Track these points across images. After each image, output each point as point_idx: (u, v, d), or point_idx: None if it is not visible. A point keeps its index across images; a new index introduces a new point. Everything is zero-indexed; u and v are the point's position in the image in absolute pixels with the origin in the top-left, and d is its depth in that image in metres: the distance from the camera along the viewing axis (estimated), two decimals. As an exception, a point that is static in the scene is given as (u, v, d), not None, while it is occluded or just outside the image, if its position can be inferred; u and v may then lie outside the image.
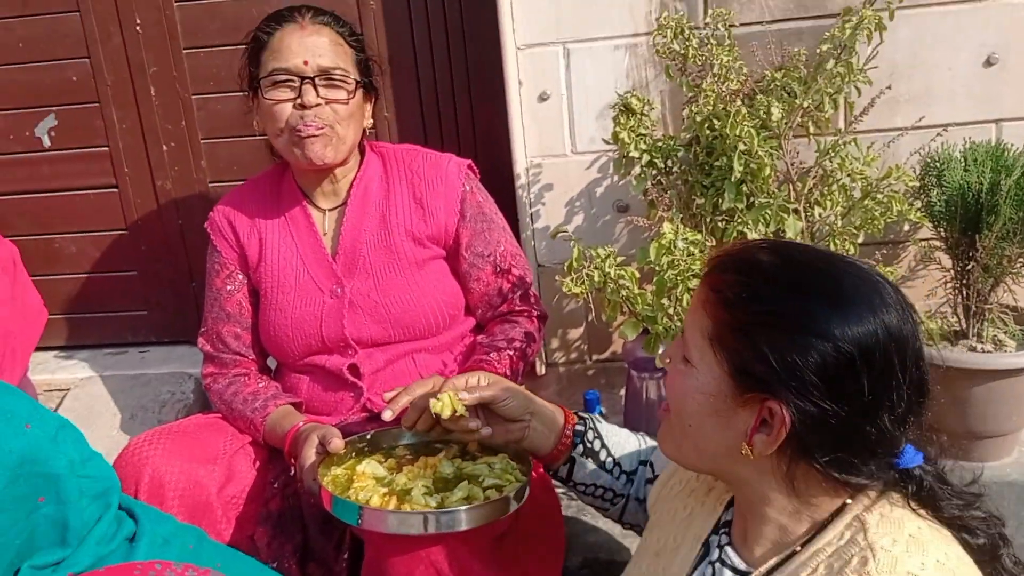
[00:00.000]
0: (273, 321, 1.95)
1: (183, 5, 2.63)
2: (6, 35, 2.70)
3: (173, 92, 2.70)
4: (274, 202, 1.99)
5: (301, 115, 1.81)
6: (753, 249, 1.11)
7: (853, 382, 1.01)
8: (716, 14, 2.12)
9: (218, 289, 2.00)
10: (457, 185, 1.94)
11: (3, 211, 2.84)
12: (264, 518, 1.80)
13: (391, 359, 1.94)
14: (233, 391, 1.94)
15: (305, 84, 1.80)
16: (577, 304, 2.54)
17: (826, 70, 2.04)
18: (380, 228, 1.93)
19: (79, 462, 1.19)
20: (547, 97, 2.39)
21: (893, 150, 2.23)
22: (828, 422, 1.02)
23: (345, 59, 1.86)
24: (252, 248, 1.97)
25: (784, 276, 1.06)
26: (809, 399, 1.01)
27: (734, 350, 1.06)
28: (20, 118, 2.78)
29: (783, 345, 1.01)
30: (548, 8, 2.32)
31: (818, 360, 1.00)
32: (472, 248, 1.95)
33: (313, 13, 1.87)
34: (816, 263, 1.08)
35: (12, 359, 2.10)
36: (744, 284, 1.06)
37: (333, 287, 1.92)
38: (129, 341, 2.97)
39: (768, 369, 1.02)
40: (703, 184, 2.17)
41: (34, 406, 1.20)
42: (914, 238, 2.34)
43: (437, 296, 1.93)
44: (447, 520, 1.46)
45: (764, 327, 1.03)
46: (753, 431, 1.06)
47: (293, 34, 1.83)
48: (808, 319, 1.02)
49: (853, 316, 1.01)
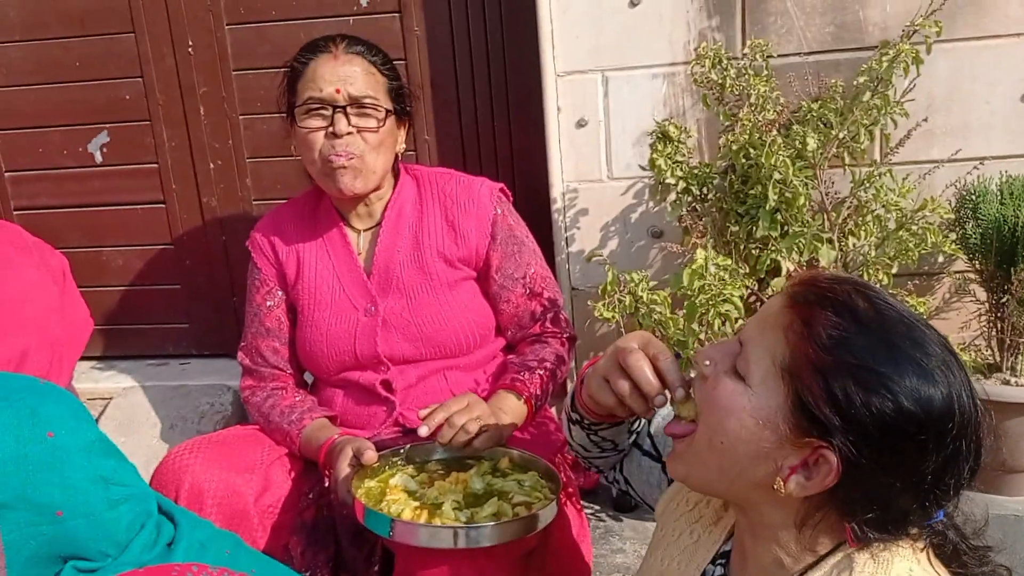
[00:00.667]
0: (309, 338, 1.99)
1: (234, 28, 2.71)
2: (64, 54, 2.80)
3: (221, 112, 2.78)
4: (311, 222, 2.05)
5: (332, 144, 1.86)
6: (848, 289, 1.04)
7: (918, 454, 0.97)
8: (754, 45, 2.15)
9: (258, 305, 2.05)
10: (489, 208, 1.98)
11: (55, 223, 2.93)
12: (298, 528, 1.83)
13: (423, 375, 1.97)
14: (271, 404, 1.98)
15: (337, 113, 1.85)
16: (609, 328, 2.56)
17: (862, 102, 2.06)
18: (413, 249, 1.97)
19: (110, 473, 1.21)
20: (585, 123, 2.43)
21: (929, 182, 2.24)
22: (877, 485, 0.99)
23: (376, 87, 1.90)
24: (290, 266, 2.02)
25: (878, 330, 1.00)
26: (867, 457, 0.97)
27: (807, 388, 1.00)
28: (74, 134, 2.88)
29: (860, 400, 0.97)
30: (588, 36, 2.37)
31: (891, 423, 0.96)
32: (502, 270, 1.98)
33: (347, 43, 1.91)
34: (905, 322, 1.02)
35: (59, 368, 2.16)
36: (840, 327, 1.00)
37: (367, 305, 1.96)
38: (170, 353, 3.04)
39: (836, 418, 0.98)
40: (738, 212, 2.19)
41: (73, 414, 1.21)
42: (949, 270, 2.34)
43: (468, 316, 1.97)
44: (476, 535, 1.48)
45: (847, 376, 0.98)
46: (793, 470, 1.02)
47: (327, 63, 1.88)
48: (892, 382, 0.97)
49: (933, 387, 0.98)
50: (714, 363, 1.11)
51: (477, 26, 2.62)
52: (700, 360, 1.13)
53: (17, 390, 1.19)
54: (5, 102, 2.87)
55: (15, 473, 1.13)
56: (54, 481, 1.14)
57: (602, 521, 2.37)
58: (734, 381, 1.07)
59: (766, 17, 2.29)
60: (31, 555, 1.17)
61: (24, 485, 1.13)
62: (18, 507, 1.13)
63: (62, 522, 1.15)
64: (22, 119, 2.88)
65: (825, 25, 2.28)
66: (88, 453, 1.18)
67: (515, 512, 1.58)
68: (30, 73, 2.83)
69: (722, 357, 1.10)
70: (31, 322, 2.07)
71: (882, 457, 0.97)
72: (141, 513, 1.25)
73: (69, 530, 1.16)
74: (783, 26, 2.29)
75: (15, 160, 2.92)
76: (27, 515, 1.13)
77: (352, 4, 2.64)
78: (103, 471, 1.19)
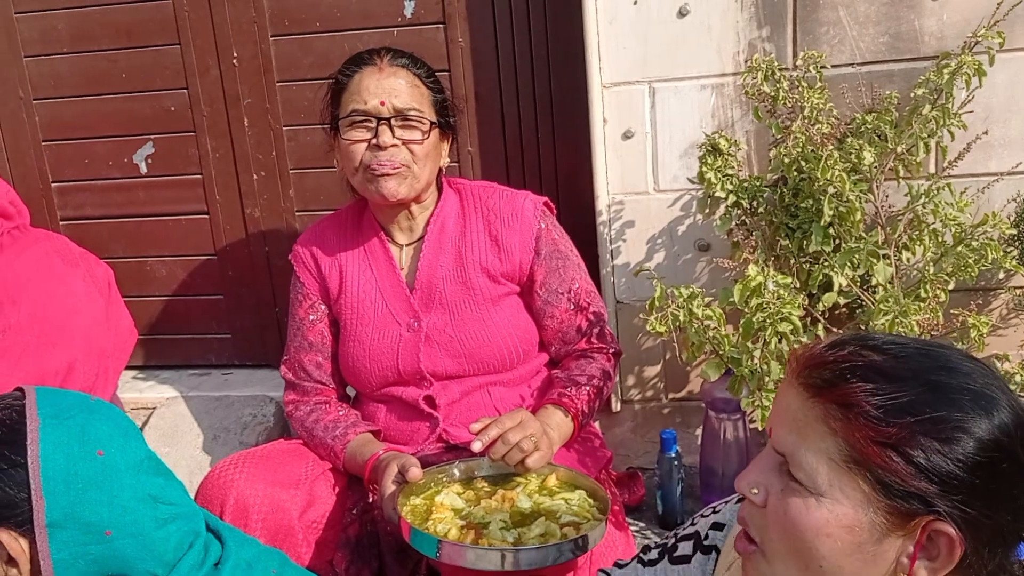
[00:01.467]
0: (352, 352, 1.98)
1: (278, 40, 2.72)
2: (110, 66, 2.82)
3: (265, 123, 2.78)
4: (354, 236, 2.03)
5: (376, 155, 1.85)
6: (856, 351, 0.97)
7: (1016, 476, 0.92)
8: (807, 56, 2.11)
9: (301, 319, 2.04)
10: (532, 222, 1.96)
11: (100, 234, 2.95)
12: (343, 543, 1.82)
13: (466, 391, 1.95)
14: (315, 419, 1.97)
15: (381, 125, 1.84)
16: (655, 342, 2.52)
17: (921, 115, 2.01)
18: (456, 264, 1.95)
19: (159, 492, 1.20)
20: (631, 135, 2.40)
21: (987, 196, 2.18)
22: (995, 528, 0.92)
23: (421, 100, 1.89)
24: (333, 280, 2.01)
25: (914, 376, 0.94)
26: (978, 507, 0.90)
27: (885, 469, 0.91)
28: (120, 145, 2.90)
29: (943, 454, 0.90)
30: (635, 47, 2.34)
31: (981, 461, 0.90)
32: (546, 285, 1.96)
33: (392, 55, 1.90)
34: (929, 355, 0.97)
35: (104, 378, 2.17)
36: (879, 392, 0.92)
37: (410, 321, 1.95)
38: (213, 363, 3.05)
39: (931, 484, 0.90)
40: (789, 226, 2.14)
41: (123, 432, 1.21)
42: (1008, 286, 2.28)
43: (511, 331, 1.95)
44: (524, 558, 1.46)
45: (918, 437, 0.90)
46: (913, 559, 0.93)
47: (371, 76, 1.87)
48: (964, 422, 0.90)
49: (997, 408, 0.92)
50: (763, 487, 1.01)
51: (522, 37, 2.60)
52: (745, 488, 1.03)
53: (68, 408, 1.19)
54: (53, 114, 2.90)
55: (65, 492, 1.13)
56: (103, 500, 1.14)
57: (647, 539, 2.33)
58: (802, 498, 0.96)
59: (818, 27, 2.25)
60: (80, 574, 1.16)
61: (74, 504, 1.14)
62: (67, 526, 1.13)
63: (110, 541, 1.15)
64: (69, 130, 2.91)
65: (879, 35, 2.23)
66: (137, 471, 1.18)
67: (563, 533, 1.55)
68: (77, 85, 2.86)
69: (769, 477, 1.01)
70: (78, 334, 2.09)
71: (991, 499, 0.90)
72: (189, 532, 1.24)
73: (117, 549, 1.16)
74: (835, 36, 2.25)
75: (62, 171, 2.95)
76: (76, 534, 1.13)
77: (396, 15, 2.64)
78: (152, 490, 1.19)
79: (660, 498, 2.34)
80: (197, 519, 1.29)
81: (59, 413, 1.18)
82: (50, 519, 1.13)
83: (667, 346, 2.51)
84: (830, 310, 2.11)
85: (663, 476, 2.32)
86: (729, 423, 2.32)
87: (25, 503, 1.12)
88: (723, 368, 1.94)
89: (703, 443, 2.42)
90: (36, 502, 1.11)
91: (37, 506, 1.12)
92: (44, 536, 1.12)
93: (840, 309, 2.21)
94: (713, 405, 2.34)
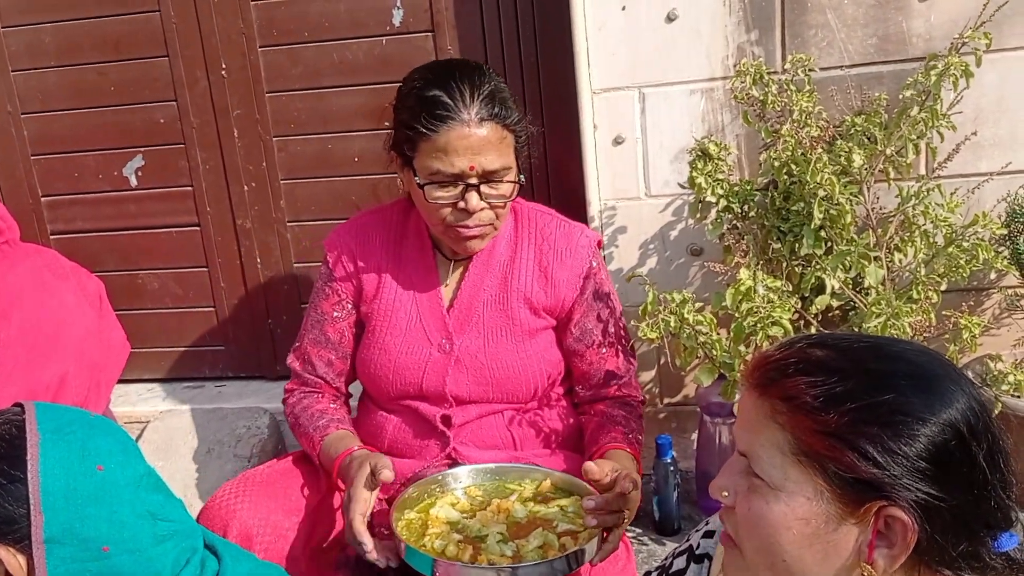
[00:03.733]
0: (376, 360, 1.91)
1: (267, 50, 2.71)
2: (99, 79, 2.82)
3: (255, 134, 2.78)
4: (398, 240, 1.94)
5: (462, 218, 1.75)
6: (800, 348, 1.00)
7: (968, 459, 0.93)
8: (796, 59, 2.11)
9: (323, 312, 1.95)
10: (585, 260, 1.89)
11: (91, 247, 2.94)
12: (342, 563, 1.80)
13: (483, 414, 1.90)
14: (304, 405, 1.92)
15: (469, 191, 1.72)
16: (649, 347, 2.52)
17: (910, 116, 2.01)
18: (500, 289, 1.88)
19: (158, 509, 1.20)
20: (622, 141, 2.40)
21: (978, 196, 2.18)
22: (953, 513, 0.92)
23: (508, 154, 1.76)
24: (369, 282, 1.92)
25: (856, 366, 0.96)
26: (928, 492, 0.91)
27: (833, 459, 0.93)
28: (109, 158, 2.89)
29: (889, 439, 0.91)
30: (624, 53, 2.34)
31: (928, 446, 0.91)
32: (581, 325, 1.90)
33: (479, 107, 1.70)
34: (871, 346, 0.99)
35: (97, 392, 2.17)
36: (819, 385, 0.95)
37: (442, 341, 1.87)
38: (207, 375, 3.04)
39: (878, 469, 0.91)
40: (780, 229, 2.15)
41: (123, 448, 1.20)
42: (1000, 286, 2.28)
43: (542, 367, 1.89)
44: (522, 574, 1.45)
45: (861, 424, 0.92)
46: (872, 547, 0.94)
47: (460, 137, 1.69)
48: (905, 405, 0.92)
49: (943, 392, 0.94)
50: (731, 490, 1.03)
51: (511, 44, 2.60)
52: (716, 493, 1.06)
53: (68, 423, 1.18)
54: (41, 127, 2.89)
55: (64, 507, 1.13)
56: (102, 515, 1.14)
57: (644, 545, 2.33)
58: (762, 495, 0.99)
59: (806, 30, 2.25)
60: None
61: (73, 520, 1.13)
62: (66, 542, 1.12)
63: (108, 557, 1.14)
64: (58, 144, 2.90)
65: (867, 37, 2.23)
66: (137, 488, 1.18)
67: (561, 543, 1.54)
68: (66, 98, 2.85)
69: (735, 479, 1.03)
70: (70, 347, 2.08)
71: (939, 480, 0.92)
72: (187, 549, 1.24)
73: (115, 566, 1.16)
74: (823, 39, 2.25)
75: (51, 185, 2.94)
76: (74, 550, 1.13)
77: (385, 24, 2.63)
78: (151, 506, 1.19)
79: (657, 504, 2.33)
80: (195, 536, 1.29)
81: (60, 428, 1.17)
82: (48, 535, 1.12)
83: (661, 351, 2.51)
84: (823, 313, 2.11)
85: (659, 482, 2.31)
86: (724, 427, 2.32)
87: (24, 519, 1.11)
88: (716, 373, 1.94)
89: (699, 447, 2.42)
90: (35, 518, 1.11)
91: (36, 522, 1.11)
92: (42, 552, 1.12)
93: (833, 312, 2.21)
94: (708, 409, 2.34)
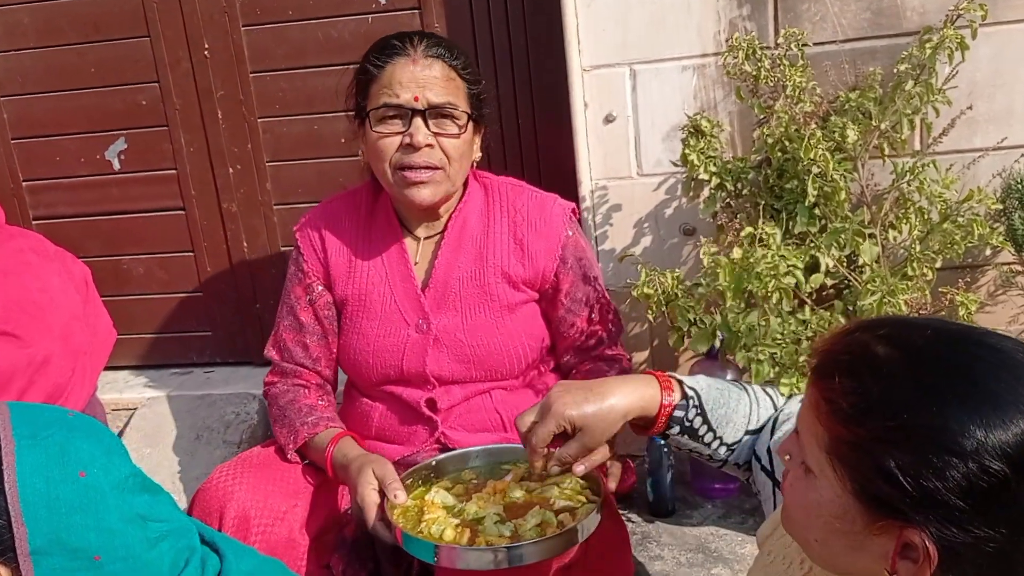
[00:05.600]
0: (354, 346, 1.90)
1: (250, 30, 2.66)
2: (78, 60, 2.76)
3: (239, 115, 2.73)
4: (368, 221, 1.93)
5: (408, 156, 1.75)
6: (867, 339, 0.92)
7: (1010, 502, 0.82)
8: (789, 34, 2.08)
9: (296, 297, 1.94)
10: (560, 229, 1.88)
11: (74, 233, 2.89)
12: (339, 544, 1.78)
13: (469, 395, 1.88)
14: (290, 399, 1.90)
15: (415, 118, 1.74)
16: (643, 327, 2.50)
17: (904, 91, 1.98)
18: (475, 265, 1.87)
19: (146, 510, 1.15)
20: (613, 119, 2.36)
21: (973, 172, 2.16)
22: (986, 549, 0.84)
23: (457, 94, 1.79)
24: (340, 265, 1.91)
25: (907, 377, 0.87)
26: (957, 527, 0.83)
27: (856, 469, 0.88)
28: (91, 141, 2.84)
29: (915, 466, 0.83)
30: (614, 30, 2.30)
31: (962, 482, 0.82)
32: (571, 295, 1.89)
33: (426, 44, 1.78)
34: (945, 354, 0.89)
35: (83, 378, 2.13)
36: (859, 392, 0.88)
37: (419, 321, 1.86)
38: (194, 361, 3.00)
39: (900, 494, 0.85)
40: (774, 207, 2.12)
41: (105, 450, 1.15)
42: (995, 262, 2.27)
43: (524, 340, 1.88)
44: (520, 554, 1.44)
45: (889, 444, 0.85)
46: (895, 558, 0.89)
47: (404, 68, 1.75)
48: (942, 432, 0.83)
49: (996, 420, 0.82)
50: (788, 454, 1.02)
51: (499, 21, 2.56)
52: (781, 453, 1.04)
53: (45, 426, 1.12)
54: (21, 110, 2.84)
55: (47, 517, 1.07)
56: (89, 524, 1.08)
57: (638, 527, 2.31)
58: (804, 475, 0.96)
59: (799, 4, 2.22)
60: None
61: (57, 529, 1.08)
62: (53, 552, 1.07)
63: (100, 566, 1.10)
64: (38, 127, 2.85)
65: (861, 11, 2.20)
66: (122, 491, 1.12)
67: (559, 520, 1.53)
68: (45, 80, 2.80)
69: (792, 447, 1.01)
70: (55, 328, 2.05)
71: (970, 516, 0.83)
72: (184, 549, 1.19)
73: (109, 574, 1.11)
74: (816, 13, 2.22)
75: (33, 169, 2.89)
76: (63, 560, 1.08)
77: (371, 2, 2.59)
78: (139, 508, 1.13)
79: (650, 486, 2.32)
80: (190, 533, 1.24)
81: (36, 433, 1.11)
82: (33, 546, 1.07)
83: (654, 332, 2.49)
84: (817, 291, 2.09)
85: (653, 463, 2.30)
86: (718, 407, 2.31)
87: (6, 531, 1.06)
88: (711, 341, 1.92)
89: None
90: (17, 529, 1.06)
91: (19, 534, 1.06)
92: (29, 564, 1.07)
93: (828, 290, 2.19)
94: (702, 390, 2.32)
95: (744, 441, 1.41)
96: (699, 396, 1.39)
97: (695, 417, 1.38)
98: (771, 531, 1.24)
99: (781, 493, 1.08)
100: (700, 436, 1.40)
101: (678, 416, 1.38)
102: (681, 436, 1.40)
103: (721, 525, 2.27)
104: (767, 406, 1.43)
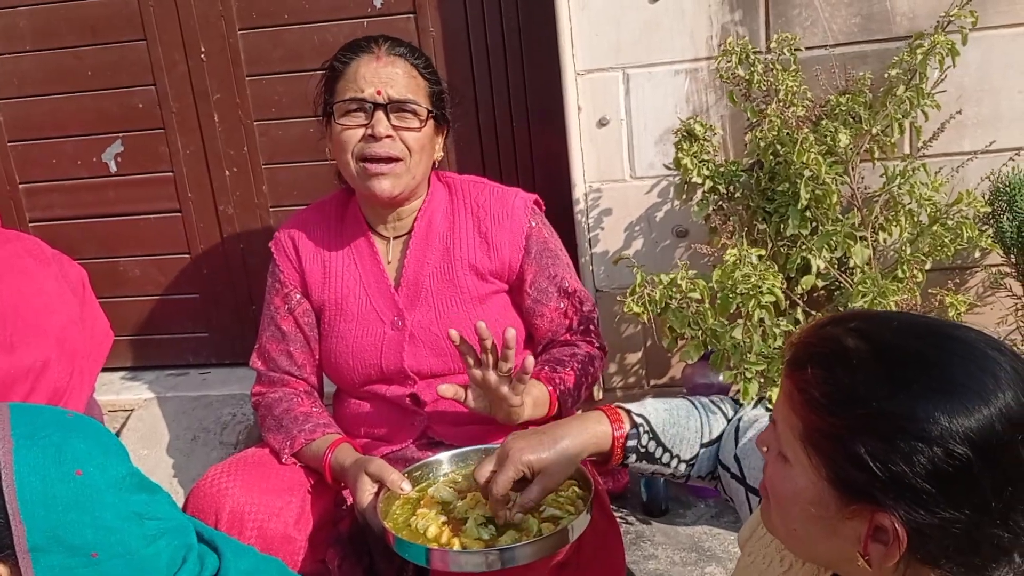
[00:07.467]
0: (334, 349, 1.95)
1: (247, 33, 2.68)
2: (76, 63, 2.77)
3: (236, 118, 2.75)
4: (338, 228, 1.99)
5: (370, 146, 1.81)
6: (839, 333, 0.96)
7: (974, 486, 0.87)
8: (781, 39, 2.10)
9: (276, 308, 2.00)
10: (523, 221, 1.93)
11: (71, 235, 2.90)
12: (335, 540, 1.80)
13: None
14: (284, 408, 1.93)
15: (377, 111, 1.81)
16: (635, 329, 2.52)
17: (895, 95, 2.01)
18: (443, 261, 1.92)
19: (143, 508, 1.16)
20: (606, 122, 2.38)
21: (962, 175, 2.19)
22: (951, 531, 0.88)
23: (418, 91, 1.86)
24: (315, 273, 1.97)
25: (876, 368, 0.91)
26: (924, 509, 0.87)
27: (829, 456, 0.93)
28: (88, 144, 2.85)
29: (884, 452, 0.88)
30: (608, 34, 2.32)
31: (928, 466, 0.86)
32: (536, 284, 1.94)
33: (390, 44, 1.87)
34: (913, 345, 0.93)
35: (80, 380, 2.14)
36: (830, 382, 0.93)
37: (394, 318, 1.91)
38: (191, 363, 3.01)
39: (871, 479, 0.89)
40: (766, 210, 2.14)
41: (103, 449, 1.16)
42: (984, 264, 2.29)
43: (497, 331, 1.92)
44: (510, 556, 1.45)
45: (859, 432, 0.90)
46: (867, 541, 0.93)
47: (368, 64, 1.84)
48: (909, 420, 0.87)
49: (960, 407, 0.87)
50: (766, 445, 1.06)
51: (494, 26, 2.58)
52: (760, 445, 1.08)
53: (43, 426, 1.14)
54: (18, 113, 2.85)
55: (44, 516, 1.09)
56: (86, 521, 1.10)
57: (632, 526, 2.33)
58: (781, 465, 1.00)
59: (790, 10, 2.24)
60: None
61: (55, 527, 1.09)
62: (51, 550, 1.09)
63: (98, 564, 1.11)
64: (35, 130, 2.86)
65: (851, 16, 2.23)
66: (119, 490, 1.14)
67: (540, 528, 1.54)
68: (42, 83, 2.81)
69: (770, 439, 1.05)
70: (52, 333, 2.05)
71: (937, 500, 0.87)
72: (181, 547, 1.21)
73: (107, 571, 1.12)
74: (807, 18, 2.24)
75: (29, 172, 2.90)
76: (61, 558, 1.09)
77: (366, 5, 2.61)
78: (136, 507, 1.15)
79: (644, 486, 2.34)
80: (187, 532, 1.26)
81: (33, 433, 1.13)
82: (32, 544, 1.09)
83: (647, 333, 2.51)
84: (808, 293, 2.11)
85: (647, 463, 2.31)
86: (711, 408, 2.32)
87: (4, 528, 1.08)
88: (703, 349, 1.94)
89: (686, 429, 2.43)
90: (15, 527, 1.07)
91: (17, 531, 1.08)
92: (28, 561, 1.08)
93: (819, 292, 2.21)
94: (694, 390, 2.35)
95: (701, 454, 1.48)
96: (648, 421, 1.46)
97: (648, 442, 1.46)
98: (750, 534, 1.28)
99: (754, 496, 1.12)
100: (657, 458, 1.47)
101: (631, 445, 1.45)
102: (639, 462, 1.47)
103: (714, 524, 2.29)
104: (718, 419, 1.50)
